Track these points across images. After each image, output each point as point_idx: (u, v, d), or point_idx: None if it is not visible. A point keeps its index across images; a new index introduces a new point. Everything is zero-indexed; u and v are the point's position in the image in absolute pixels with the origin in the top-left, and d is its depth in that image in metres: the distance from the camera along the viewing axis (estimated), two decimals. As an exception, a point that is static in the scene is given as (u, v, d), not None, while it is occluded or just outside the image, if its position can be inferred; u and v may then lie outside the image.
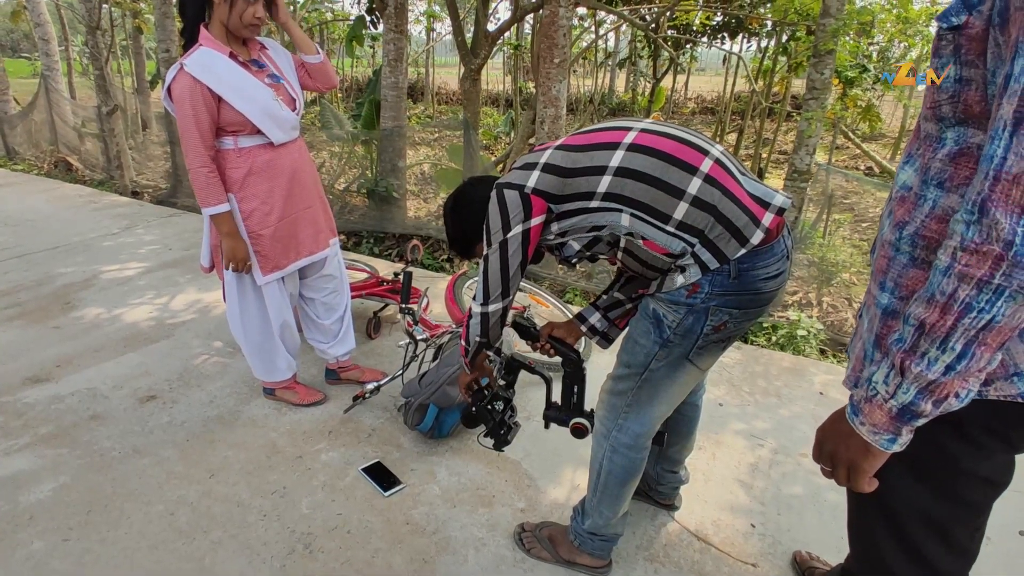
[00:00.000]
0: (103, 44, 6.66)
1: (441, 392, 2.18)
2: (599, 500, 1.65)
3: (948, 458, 0.97)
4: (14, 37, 35.05)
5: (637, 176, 1.30)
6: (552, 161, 1.40)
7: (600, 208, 1.35)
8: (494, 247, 1.44)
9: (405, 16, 4.93)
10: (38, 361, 2.81)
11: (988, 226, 0.71)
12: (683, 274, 1.34)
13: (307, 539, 1.85)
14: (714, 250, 1.30)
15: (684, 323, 1.37)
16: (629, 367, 1.50)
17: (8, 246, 4.40)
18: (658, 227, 1.31)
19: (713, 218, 1.28)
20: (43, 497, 1.98)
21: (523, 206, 1.39)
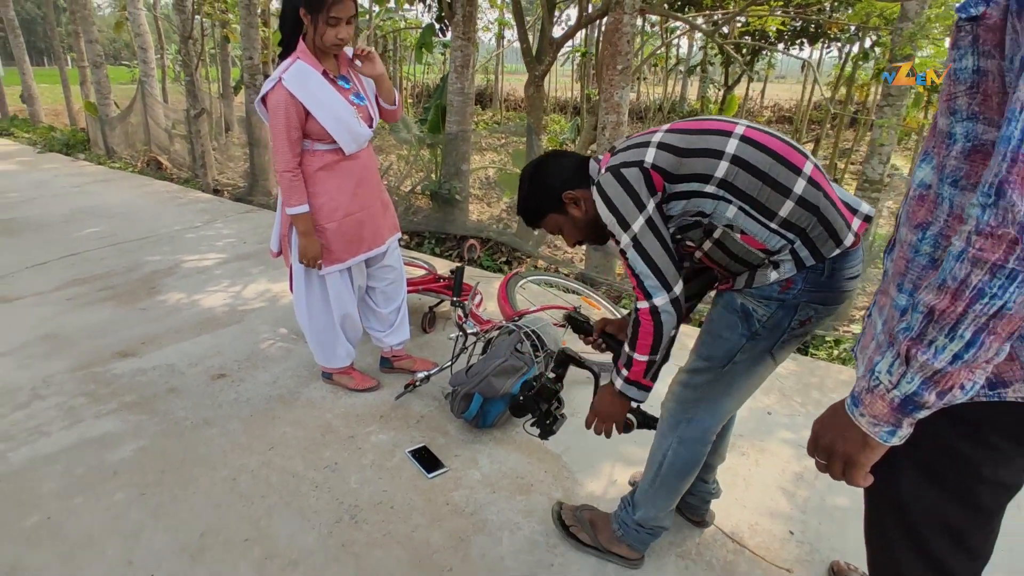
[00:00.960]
0: (194, 52, 7.17)
1: (486, 383, 2.27)
2: (655, 492, 1.67)
3: (966, 463, 0.94)
4: (116, 47, 37.89)
5: (749, 168, 1.32)
6: (666, 140, 1.39)
7: (713, 195, 1.34)
8: (639, 228, 1.37)
9: (473, 24, 5.08)
10: (126, 338, 3.08)
11: (1004, 208, 0.70)
12: (777, 270, 1.36)
13: (353, 511, 1.97)
14: (812, 248, 1.34)
15: (774, 317, 1.40)
16: (709, 360, 1.51)
17: (105, 235, 4.82)
18: (762, 223, 1.33)
19: (816, 218, 1.32)
20: (125, 456, 2.19)
21: (646, 181, 1.37)
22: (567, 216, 1.58)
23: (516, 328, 2.47)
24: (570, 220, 1.59)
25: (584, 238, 1.63)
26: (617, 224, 1.39)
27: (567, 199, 1.55)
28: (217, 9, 9.88)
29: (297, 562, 1.77)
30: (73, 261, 4.20)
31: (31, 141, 9.77)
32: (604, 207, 1.40)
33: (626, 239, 1.38)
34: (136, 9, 8.53)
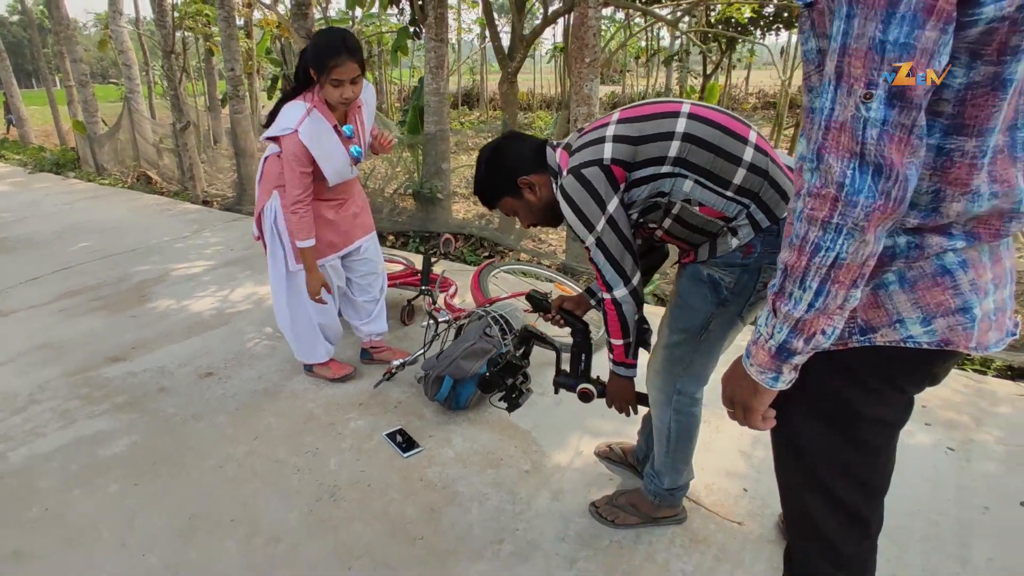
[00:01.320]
0: (176, 66, 7.28)
1: (455, 365, 2.39)
2: (673, 459, 1.78)
3: (847, 404, 1.03)
4: (103, 65, 37.97)
5: (700, 143, 1.39)
6: (619, 132, 1.45)
7: (670, 173, 1.42)
8: (602, 228, 1.45)
9: (445, 25, 5.20)
10: (117, 344, 3.21)
11: (824, 171, 0.79)
12: (736, 236, 1.47)
13: (333, 490, 2.09)
14: (766, 210, 1.44)
15: (740, 282, 1.50)
16: (686, 332, 1.61)
17: (96, 249, 4.94)
18: (718, 192, 1.42)
19: (766, 182, 1.43)
20: (118, 451, 2.32)
21: (608, 178, 1.43)
22: (522, 200, 1.66)
23: (485, 313, 2.59)
24: (525, 204, 1.67)
25: (538, 221, 1.72)
26: (582, 225, 1.47)
27: (522, 184, 1.62)
28: (199, 23, 10.01)
29: (280, 538, 1.90)
30: (66, 275, 4.33)
31: (22, 162, 9.90)
32: (568, 210, 1.47)
33: (591, 239, 1.47)
34: (118, 27, 8.66)
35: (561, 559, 1.81)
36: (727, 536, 1.88)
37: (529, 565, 1.79)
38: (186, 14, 10.34)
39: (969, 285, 0.92)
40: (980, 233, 0.89)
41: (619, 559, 1.80)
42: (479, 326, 2.55)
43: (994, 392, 2.57)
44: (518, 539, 1.88)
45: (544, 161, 1.63)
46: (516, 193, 1.65)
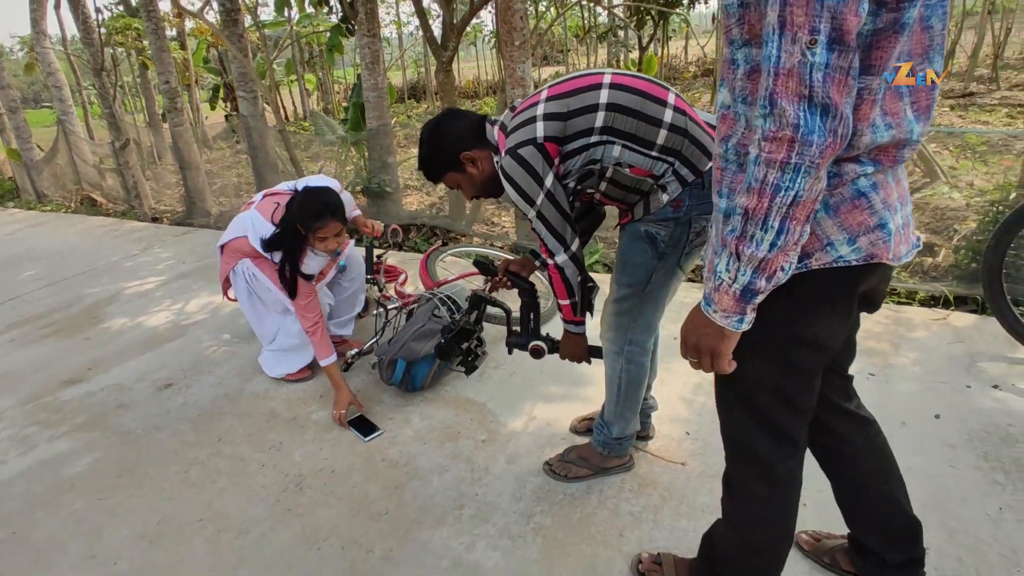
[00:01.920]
0: (109, 84, 7.12)
1: (406, 348, 2.47)
2: (622, 408, 1.90)
3: (785, 328, 1.10)
4: (35, 89, 36.55)
5: (623, 111, 1.51)
6: (548, 110, 1.54)
7: (599, 142, 1.53)
8: (541, 202, 1.56)
9: (376, 20, 5.20)
10: (72, 366, 3.19)
11: (778, 115, 0.84)
12: (666, 192, 1.59)
13: (298, 480, 2.16)
14: (690, 166, 1.56)
15: (674, 235, 1.63)
16: (631, 286, 1.74)
17: (42, 276, 4.86)
18: (644, 153, 1.54)
19: (687, 139, 1.54)
20: (81, 469, 2.34)
21: (543, 156, 1.53)
22: (465, 174, 1.73)
23: (432, 296, 2.67)
24: (467, 178, 1.74)
25: (481, 193, 1.80)
26: (523, 201, 1.57)
27: (464, 159, 1.70)
28: (128, 38, 9.76)
29: (247, 530, 1.96)
30: (13, 304, 4.26)
31: (-43, 197, 9.56)
32: (510, 188, 1.57)
33: (532, 213, 1.59)
34: (44, 48, 8.39)
35: (518, 516, 1.91)
36: (672, 477, 2.01)
37: (489, 524, 1.89)
38: (114, 29, 10.06)
39: (882, 204, 1.01)
40: (882, 160, 0.99)
41: (572, 509, 1.91)
42: (427, 308, 2.62)
43: (910, 319, 2.76)
44: (478, 503, 1.98)
45: (484, 136, 1.71)
46: (459, 168, 1.72)
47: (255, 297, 2.69)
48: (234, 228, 2.63)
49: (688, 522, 1.82)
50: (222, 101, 15.15)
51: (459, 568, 1.75)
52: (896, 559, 1.44)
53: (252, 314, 2.76)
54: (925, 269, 3.31)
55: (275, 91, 9.80)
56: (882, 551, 1.45)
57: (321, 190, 2.46)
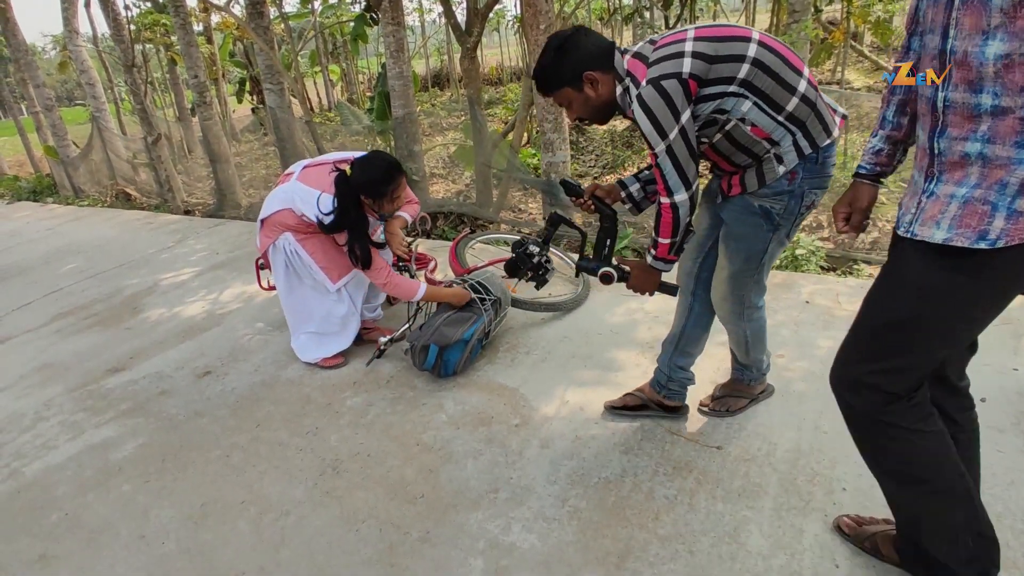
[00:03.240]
0: (140, 80, 7.25)
1: (438, 333, 2.49)
2: (755, 353, 2.07)
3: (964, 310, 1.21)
4: (68, 87, 37.44)
5: (765, 69, 1.56)
6: (697, 49, 1.54)
7: (734, 93, 1.58)
8: (674, 137, 1.56)
9: (400, 8, 5.19)
10: (115, 356, 3.29)
11: None
12: (782, 163, 1.64)
13: (335, 463, 2.20)
14: (810, 139, 1.62)
15: (788, 207, 1.70)
16: (747, 260, 1.81)
17: (83, 269, 5.00)
18: (771, 116, 1.59)
19: (813, 113, 1.61)
20: (127, 454, 2.42)
21: (684, 91, 1.54)
22: (581, 93, 1.71)
23: (462, 282, 2.68)
24: (583, 98, 1.72)
25: (589, 116, 1.78)
26: (656, 133, 1.57)
27: (587, 78, 1.67)
28: (157, 33, 9.92)
29: (288, 512, 2.01)
30: (57, 297, 4.39)
31: (-1, 194, 9.87)
32: (645, 118, 1.56)
33: (662, 147, 1.58)
34: (76, 47, 8.58)
35: (554, 499, 1.92)
36: (707, 460, 1.99)
37: (524, 507, 1.90)
38: (143, 26, 10.23)
39: None
40: None
41: (607, 493, 1.92)
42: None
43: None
44: (512, 486, 1.99)
45: (611, 62, 1.68)
46: (577, 85, 1.70)
47: (292, 273, 2.73)
48: (275, 201, 2.65)
49: (724, 506, 1.81)
50: (248, 94, 15.34)
51: (495, 550, 1.77)
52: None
53: (286, 292, 2.79)
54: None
55: (301, 83, 9.87)
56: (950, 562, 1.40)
57: (374, 154, 2.53)
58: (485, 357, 2.76)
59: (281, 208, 2.62)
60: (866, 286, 2.94)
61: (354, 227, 2.51)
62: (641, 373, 2.49)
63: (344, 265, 2.71)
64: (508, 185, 5.27)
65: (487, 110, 10.15)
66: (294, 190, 2.59)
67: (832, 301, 2.84)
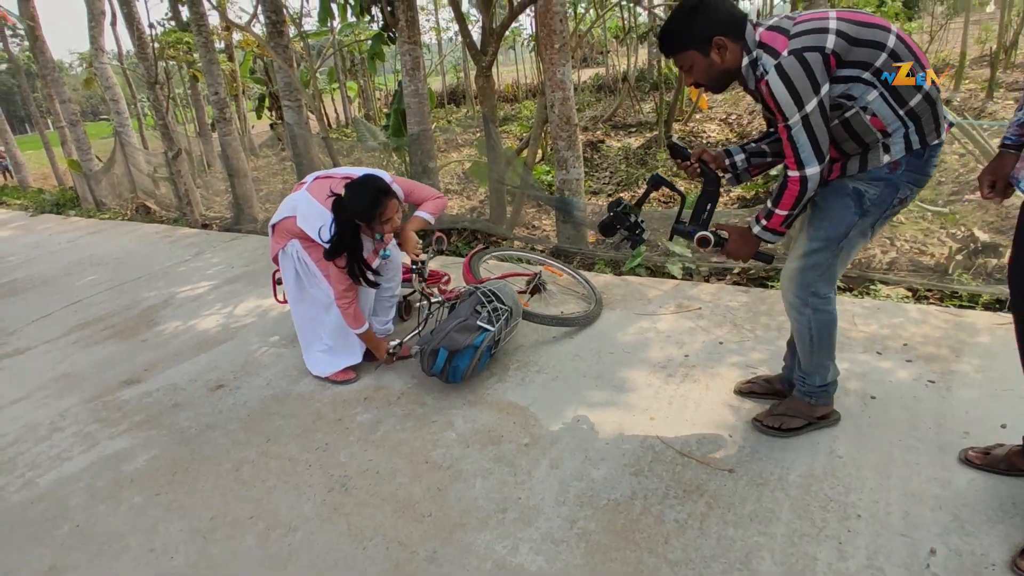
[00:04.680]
0: (163, 96, 7.41)
1: (448, 338, 2.51)
2: (819, 356, 1.98)
3: None
4: (93, 102, 38.32)
5: (898, 62, 1.59)
6: (841, 28, 1.57)
7: (866, 80, 1.61)
8: (811, 109, 1.57)
9: (417, 28, 5.27)
10: (130, 367, 3.33)
11: None
12: (888, 152, 1.68)
13: (344, 480, 2.20)
14: (921, 135, 1.66)
15: (882, 195, 1.72)
16: (827, 240, 1.81)
17: (102, 281, 5.08)
18: (893, 108, 1.62)
19: (931, 111, 1.64)
20: (139, 466, 2.44)
21: (825, 66, 1.56)
22: (706, 58, 1.72)
23: (475, 289, 2.70)
24: (706, 63, 1.73)
25: (708, 82, 1.79)
26: (792, 103, 1.58)
27: (715, 43, 1.68)
28: (180, 51, 10.14)
29: (296, 528, 2.00)
30: (75, 308, 4.46)
31: (23, 206, 10.10)
32: (782, 87, 1.57)
33: (796, 117, 1.59)
34: (102, 64, 8.79)
35: (562, 520, 1.90)
36: (719, 484, 1.97)
37: (532, 528, 1.88)
38: (166, 44, 10.47)
39: None
40: None
41: (616, 515, 1.89)
42: (471, 302, 2.66)
43: (973, 324, 2.64)
44: (521, 506, 1.98)
45: (743, 32, 1.68)
46: (704, 49, 1.70)
47: (301, 282, 2.77)
48: (285, 208, 2.71)
49: (735, 531, 1.78)
50: (267, 110, 15.58)
51: (502, 571, 1.75)
52: None
53: (296, 299, 2.82)
54: (989, 271, 3.16)
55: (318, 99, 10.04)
56: None
57: (364, 179, 2.55)
58: (495, 375, 2.76)
59: (289, 215, 2.67)
60: (883, 307, 2.91)
61: (352, 251, 2.57)
62: (653, 394, 2.47)
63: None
64: (522, 202, 5.29)
65: (502, 127, 10.24)
66: (301, 201, 2.64)
67: (848, 322, 2.80)
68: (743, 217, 4.50)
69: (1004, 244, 3.31)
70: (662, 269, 3.73)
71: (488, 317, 2.61)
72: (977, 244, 3.38)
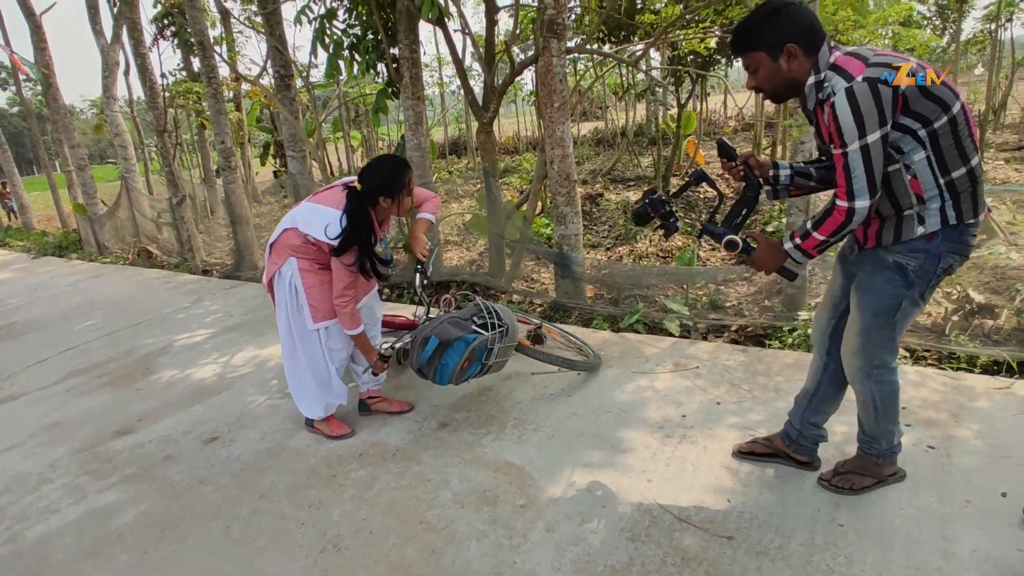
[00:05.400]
0: (170, 144, 7.57)
1: (441, 327, 2.58)
2: (885, 423, 1.98)
3: None
4: (101, 146, 39.00)
5: (954, 131, 1.62)
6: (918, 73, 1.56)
7: (920, 138, 1.62)
8: (873, 140, 1.56)
9: (420, 84, 5.44)
10: (124, 417, 3.30)
11: None
12: (923, 225, 1.69)
13: (336, 540, 2.16)
14: (958, 210, 1.67)
15: (923, 266, 1.73)
16: (879, 314, 1.82)
17: (100, 327, 5.08)
18: (935, 175, 1.64)
19: (971, 189, 1.67)
20: (128, 521, 2.39)
21: (893, 104, 1.56)
22: (775, 64, 1.70)
23: (478, 303, 2.78)
24: (774, 68, 1.71)
25: (769, 88, 1.78)
26: (855, 130, 1.56)
27: (788, 50, 1.67)
28: (190, 100, 10.41)
29: (286, 591, 1.96)
30: (72, 354, 4.45)
31: (25, 248, 10.16)
32: (848, 111, 1.55)
33: (856, 145, 1.57)
34: (113, 111, 9.01)
35: (558, 588, 1.86)
36: (717, 552, 1.93)
37: (527, 597, 1.84)
38: (176, 93, 10.76)
39: None
40: None
41: (614, 583, 1.86)
42: (471, 311, 2.76)
43: (971, 388, 2.64)
44: (516, 571, 1.94)
45: (817, 48, 1.67)
46: (774, 54, 1.70)
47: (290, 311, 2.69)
48: (284, 222, 2.68)
49: (736, 602, 1.75)
50: (272, 157, 15.88)
51: (497, 642, 1.70)
52: None
53: (286, 335, 2.75)
54: (986, 332, 3.18)
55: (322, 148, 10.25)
56: None
57: (380, 158, 2.59)
58: (492, 432, 2.74)
59: (288, 227, 2.64)
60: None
61: (364, 244, 2.53)
62: (650, 455, 2.45)
63: (330, 312, 2.68)
64: (521, 255, 5.35)
65: (502, 178, 10.42)
66: (301, 210, 2.62)
67: (844, 384, 2.81)
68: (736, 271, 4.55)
69: (1000, 305, 3.35)
70: (659, 326, 3.75)
71: (485, 325, 2.65)
72: (973, 305, 3.41)
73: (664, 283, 4.52)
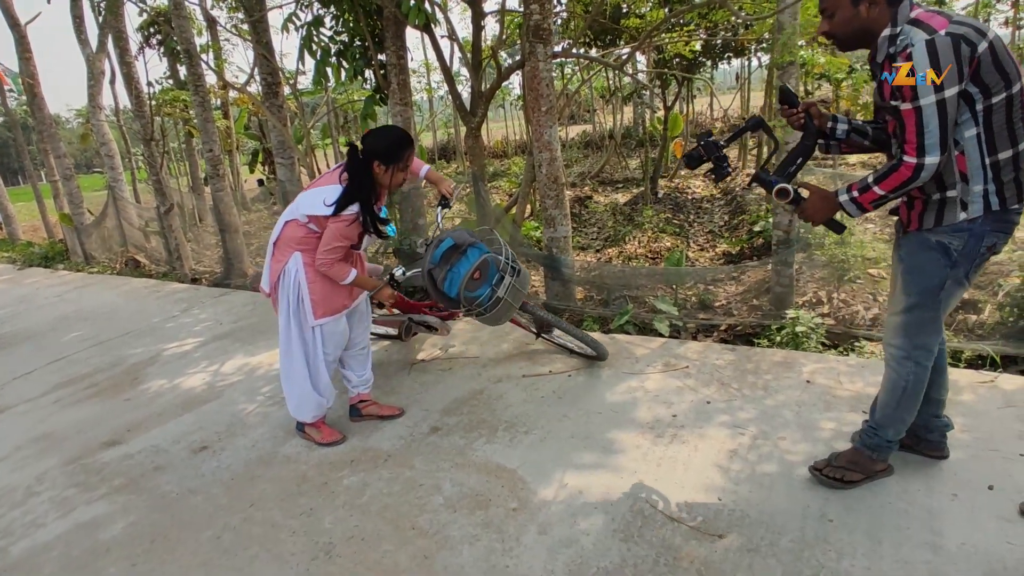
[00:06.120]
0: (157, 153, 7.52)
1: (458, 233, 2.69)
2: (902, 411, 1.97)
3: None
4: (87, 155, 38.73)
5: (1010, 109, 1.61)
6: (995, 44, 1.55)
7: (977, 111, 1.61)
8: (949, 95, 1.54)
9: (408, 90, 5.44)
10: (112, 428, 3.27)
11: None
12: (965, 211, 1.70)
13: (328, 547, 2.15)
14: (1001, 196, 1.67)
15: (967, 245, 1.72)
16: (923, 295, 1.82)
17: (88, 337, 5.03)
18: (981, 154, 1.64)
19: (1015, 174, 1.66)
20: (116, 533, 2.37)
21: (969, 63, 1.54)
22: (854, 8, 1.69)
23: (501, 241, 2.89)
24: (851, 12, 1.70)
25: (842, 33, 1.76)
26: (932, 70, 1.53)
27: None
28: (177, 108, 10.36)
29: (278, 600, 1.95)
30: (60, 365, 4.41)
31: (11, 259, 10.05)
32: (927, 62, 1.53)
33: (933, 98, 1.54)
34: (98, 121, 8.94)
35: (551, 590, 1.86)
36: (709, 550, 1.94)
37: (520, 600, 1.84)
38: (163, 101, 10.69)
39: None
40: None
41: (606, 584, 1.86)
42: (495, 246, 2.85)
43: (956, 382, 2.66)
44: (509, 575, 1.93)
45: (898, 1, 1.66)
46: None
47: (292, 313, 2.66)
48: (285, 215, 2.67)
49: (728, 600, 1.75)
50: (260, 164, 15.82)
51: (491, 646, 1.70)
52: None
53: (285, 338, 2.72)
54: (969, 327, 3.21)
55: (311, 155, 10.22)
56: None
57: (385, 126, 2.62)
58: (483, 435, 2.73)
59: (289, 219, 2.63)
60: (868, 365, 2.95)
61: (365, 201, 2.52)
62: (641, 455, 2.46)
63: (332, 309, 2.68)
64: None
65: (491, 182, 10.44)
66: (298, 200, 2.62)
67: (834, 380, 2.83)
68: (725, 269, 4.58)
69: (983, 300, 3.39)
70: (649, 326, 3.76)
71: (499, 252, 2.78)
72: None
73: (653, 284, 4.54)
